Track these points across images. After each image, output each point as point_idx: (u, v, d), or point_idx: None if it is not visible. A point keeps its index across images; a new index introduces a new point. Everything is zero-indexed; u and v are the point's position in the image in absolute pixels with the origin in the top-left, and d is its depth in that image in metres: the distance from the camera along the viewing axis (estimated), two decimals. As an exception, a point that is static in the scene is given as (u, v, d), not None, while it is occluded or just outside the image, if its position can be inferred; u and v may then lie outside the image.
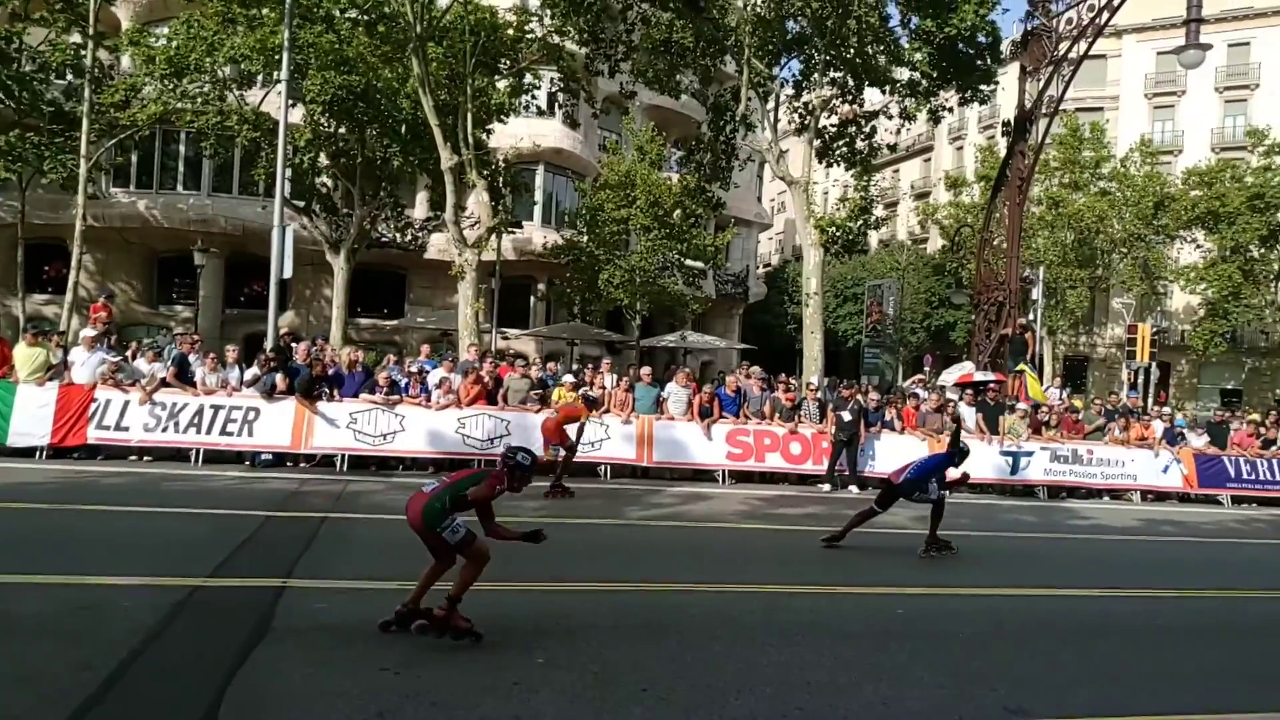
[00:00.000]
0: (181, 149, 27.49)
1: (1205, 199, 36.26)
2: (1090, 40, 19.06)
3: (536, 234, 28.07)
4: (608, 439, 14.04)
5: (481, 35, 18.07)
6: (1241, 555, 11.02)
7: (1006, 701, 5.20)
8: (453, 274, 18.51)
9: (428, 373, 14.37)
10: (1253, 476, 16.63)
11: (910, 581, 8.12)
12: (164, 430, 12.65)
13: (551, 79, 22.06)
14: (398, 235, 25.73)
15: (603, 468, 14.21)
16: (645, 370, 15.75)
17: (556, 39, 19.68)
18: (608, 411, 14.26)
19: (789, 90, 22.37)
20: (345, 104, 20.18)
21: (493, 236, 19.84)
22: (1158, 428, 17.18)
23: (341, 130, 22.09)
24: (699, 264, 26.71)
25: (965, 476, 9.98)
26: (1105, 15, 18.54)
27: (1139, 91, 46.72)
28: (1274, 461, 16.86)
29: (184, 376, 13.11)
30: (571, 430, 12.13)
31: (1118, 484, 16.13)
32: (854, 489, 14.30)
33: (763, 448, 14.77)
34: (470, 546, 5.52)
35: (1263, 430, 17.98)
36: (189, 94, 21.30)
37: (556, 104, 24.31)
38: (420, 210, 28.17)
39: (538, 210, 28.89)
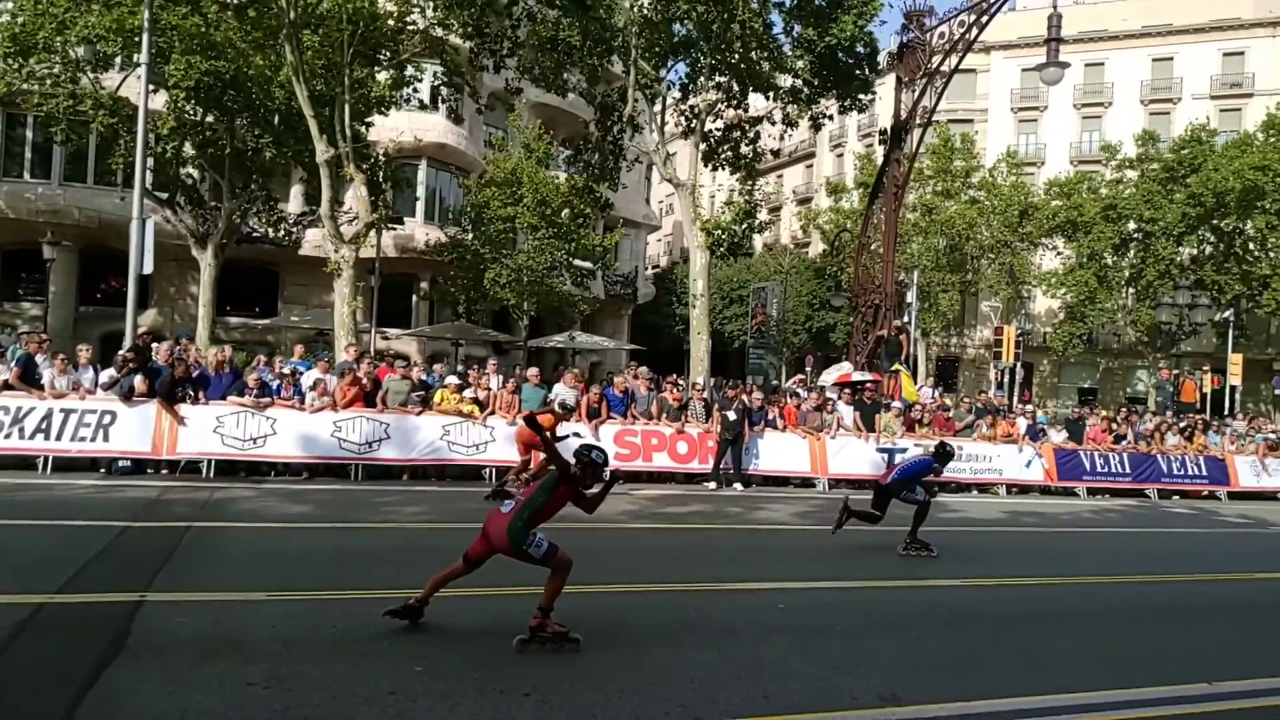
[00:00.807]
0: (29, 134, 25.55)
1: (1064, 209, 38.57)
2: (960, 55, 19.98)
3: (419, 231, 27.40)
4: (492, 441, 13.79)
5: (360, 24, 17.46)
6: (1094, 544, 11.70)
7: (881, 690, 5.32)
8: (329, 271, 17.83)
9: (301, 374, 13.78)
10: (1106, 469, 17.76)
11: (791, 577, 8.25)
12: (6, 436, 11.69)
13: (435, 72, 21.55)
14: (270, 230, 24.62)
15: (487, 470, 13.94)
16: (533, 371, 15.55)
17: (439, 32, 19.21)
18: (572, 417, 13.40)
19: (676, 93, 22.56)
20: (212, 91, 19.15)
21: (372, 233, 19.22)
22: (1021, 425, 18.13)
23: (209, 119, 20.97)
24: (587, 264, 26.62)
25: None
26: (974, 31, 19.47)
27: (1005, 105, 49.36)
28: (1125, 456, 18.04)
29: (29, 378, 12.16)
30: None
31: (985, 478, 16.93)
32: (739, 486, 14.51)
33: (650, 448, 14.81)
34: (554, 558, 5.70)
35: (1115, 426, 19.23)
36: (36, 75, 19.81)
37: (440, 98, 23.74)
38: (295, 204, 27.06)
39: (420, 206, 28.19)
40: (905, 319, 28.43)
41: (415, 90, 20.92)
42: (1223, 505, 17.56)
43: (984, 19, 19.19)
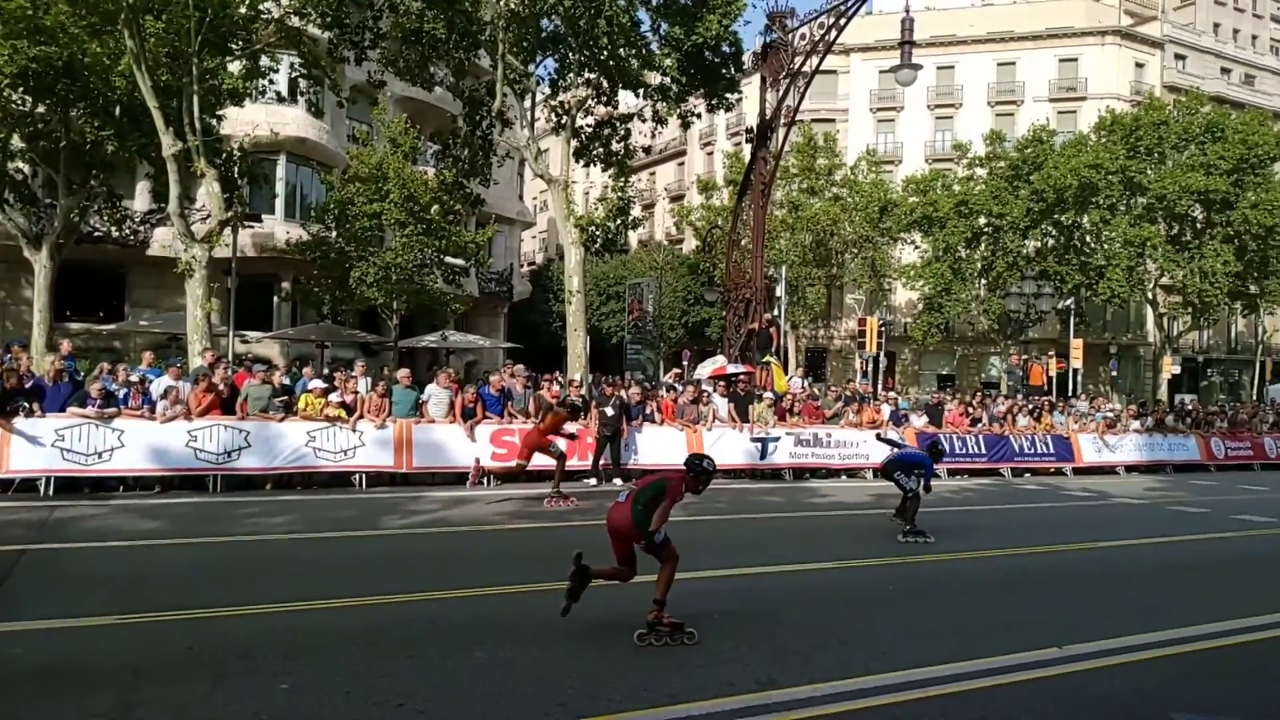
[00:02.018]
0: None
1: (921, 205, 40.50)
2: (821, 56, 20.63)
3: (279, 229, 26.17)
4: (361, 446, 13.33)
5: (208, 11, 16.46)
6: (955, 522, 12.30)
7: (758, 675, 5.41)
8: (180, 272, 16.79)
9: (150, 382, 12.94)
10: (964, 451, 18.74)
11: (670, 568, 8.29)
12: None
13: (292, 64, 20.58)
14: (114, 229, 22.98)
15: (357, 476, 13.47)
16: (403, 372, 15.11)
17: (296, 21, 18.36)
18: (577, 417, 13.68)
19: (546, 88, 22.38)
20: (43, 79, 17.67)
21: (227, 231, 18.19)
22: (885, 411, 18.92)
23: (40, 109, 19.36)
24: (459, 261, 26.06)
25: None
26: (833, 33, 20.14)
27: (865, 106, 51.40)
28: (981, 437, 19.08)
29: None
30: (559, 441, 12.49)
31: (854, 463, 17.56)
32: (619, 481, 14.51)
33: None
34: (668, 549, 6.08)
35: (971, 410, 20.32)
36: None
37: (298, 91, 22.70)
38: (141, 201, 25.36)
39: (280, 203, 26.89)
40: (775, 312, 29.16)
41: (271, 82, 19.89)
42: (1069, 480, 18.82)
43: (842, 21, 19.87)
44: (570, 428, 13.17)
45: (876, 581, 8.34)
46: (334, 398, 13.62)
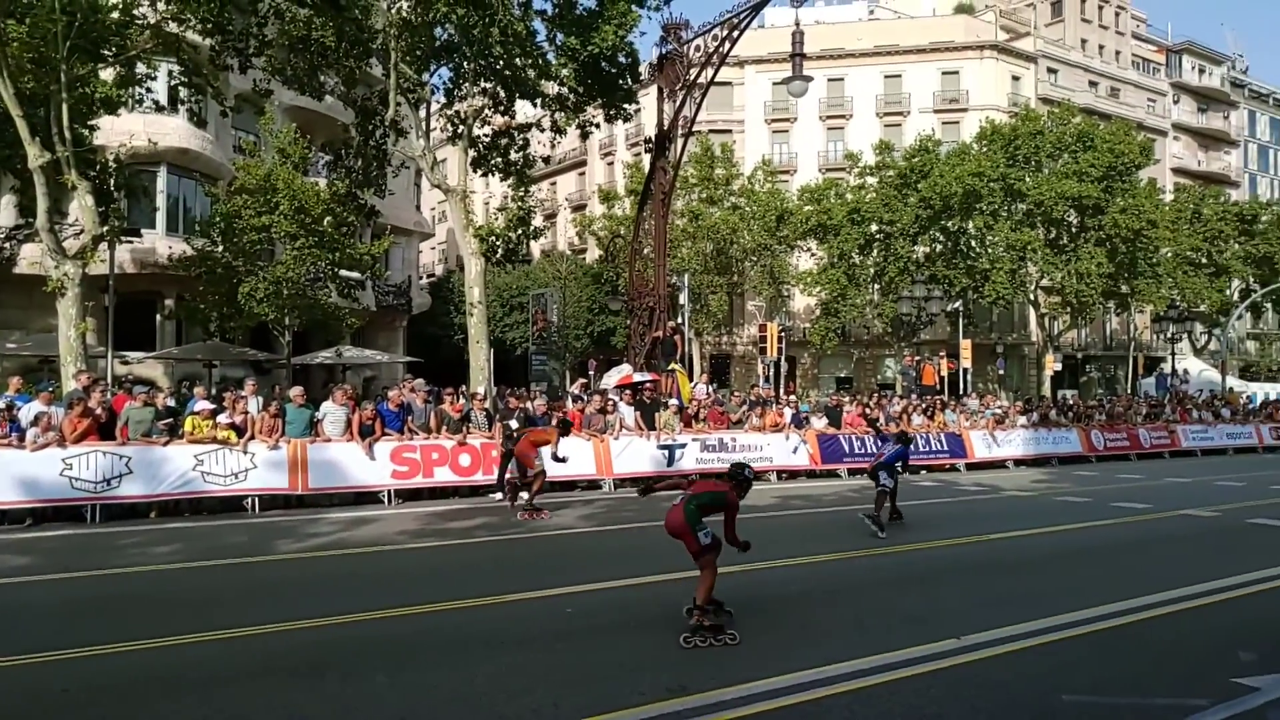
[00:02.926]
0: None
1: (816, 213, 41.52)
2: (716, 67, 20.90)
3: (160, 243, 24.90)
4: (253, 468, 12.77)
5: (77, 16, 15.56)
6: (856, 520, 12.56)
7: (669, 682, 5.39)
8: (50, 290, 15.78)
9: (19, 408, 12.10)
10: (863, 451, 19.19)
11: (580, 580, 8.22)
12: None
13: (171, 71, 19.64)
14: (-25, 246, 21.49)
15: (249, 500, 12.90)
16: (296, 390, 14.55)
17: (174, 27, 17.53)
18: (567, 433, 13.52)
19: (441, 98, 22.01)
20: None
21: (102, 247, 17.20)
22: (788, 414, 19.27)
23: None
24: (355, 274, 25.32)
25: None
26: (727, 45, 20.43)
27: (760, 117, 52.48)
28: (868, 437, 19.59)
29: None
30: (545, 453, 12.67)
31: (758, 466, 17.73)
32: (524, 495, 14.29)
33: (430, 462, 14.32)
34: (708, 556, 6.32)
35: (868, 411, 20.88)
36: None
37: (179, 100, 21.67)
38: (6, 216, 23.80)
39: (161, 217, 25.57)
40: (679, 320, 29.42)
41: (149, 90, 18.91)
42: (962, 475, 19.52)
43: (735, 34, 20.19)
44: (563, 446, 13.20)
45: (782, 582, 8.44)
46: (223, 419, 13.03)
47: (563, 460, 13.23)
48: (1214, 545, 10.72)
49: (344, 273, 24.50)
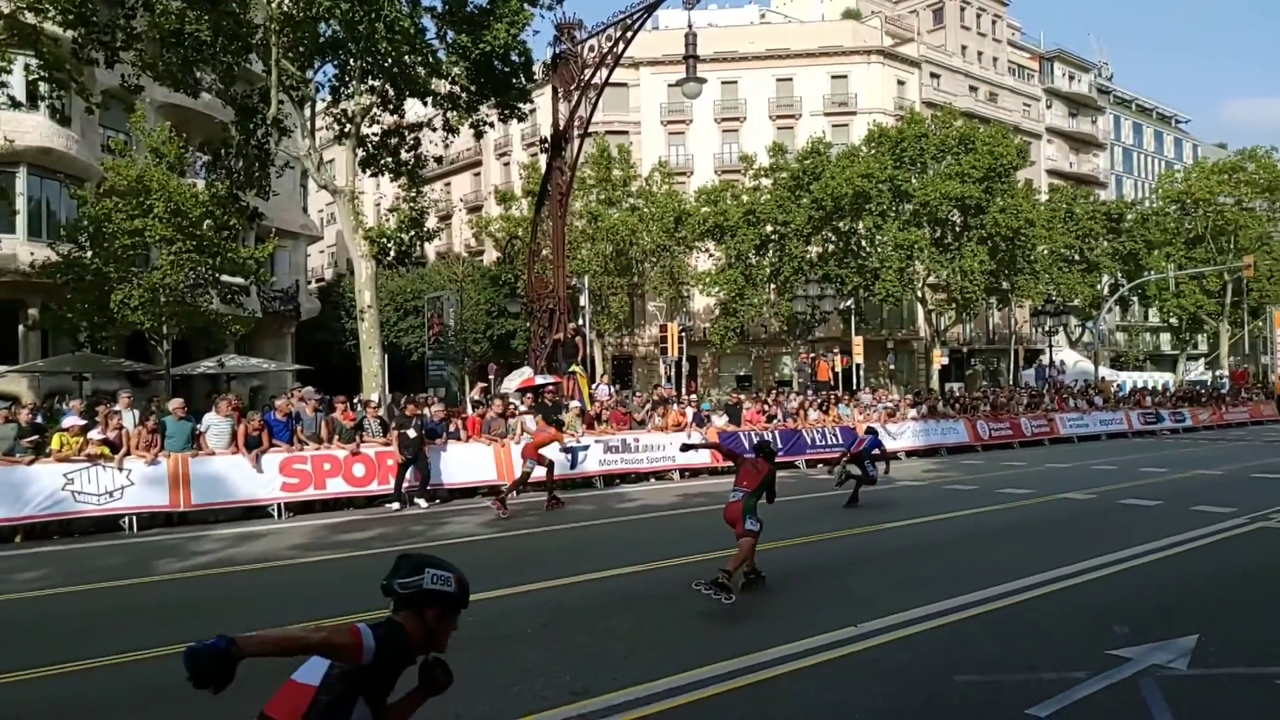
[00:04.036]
0: None
1: (713, 214, 42.04)
2: (610, 68, 20.90)
3: (22, 249, 23.21)
4: (130, 485, 12.06)
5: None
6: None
7: (572, 686, 5.33)
8: (-104, 301, 14.56)
9: None
10: (762, 446, 19.50)
11: (479, 588, 8.01)
12: None
13: (28, 65, 18.34)
14: None
15: (126, 519, 12.16)
16: (176, 402, 13.80)
17: (30, 17, 16.38)
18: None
19: (327, 95, 21.27)
20: None
21: (-44, 253, 15.95)
22: (689, 413, 19.40)
23: None
24: (238, 280, 24.22)
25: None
26: (621, 46, 20.46)
27: (656, 118, 52.82)
28: (776, 433, 19.94)
29: None
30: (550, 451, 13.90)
31: (661, 466, 17.85)
32: (423, 503, 13.97)
33: (322, 474, 13.80)
34: (752, 538, 7.56)
35: (767, 408, 21.25)
36: None
37: (39, 96, 20.26)
38: None
39: (22, 220, 23.81)
40: (580, 321, 29.31)
41: (4, 85, 17.60)
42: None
43: (629, 35, 20.24)
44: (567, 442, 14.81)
45: (684, 580, 8.44)
46: (94, 434, 12.23)
47: (571, 450, 15.01)
48: (1091, 526, 11.29)
49: (226, 278, 23.37)
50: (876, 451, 13.53)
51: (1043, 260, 43.50)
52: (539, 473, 13.60)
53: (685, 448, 9.95)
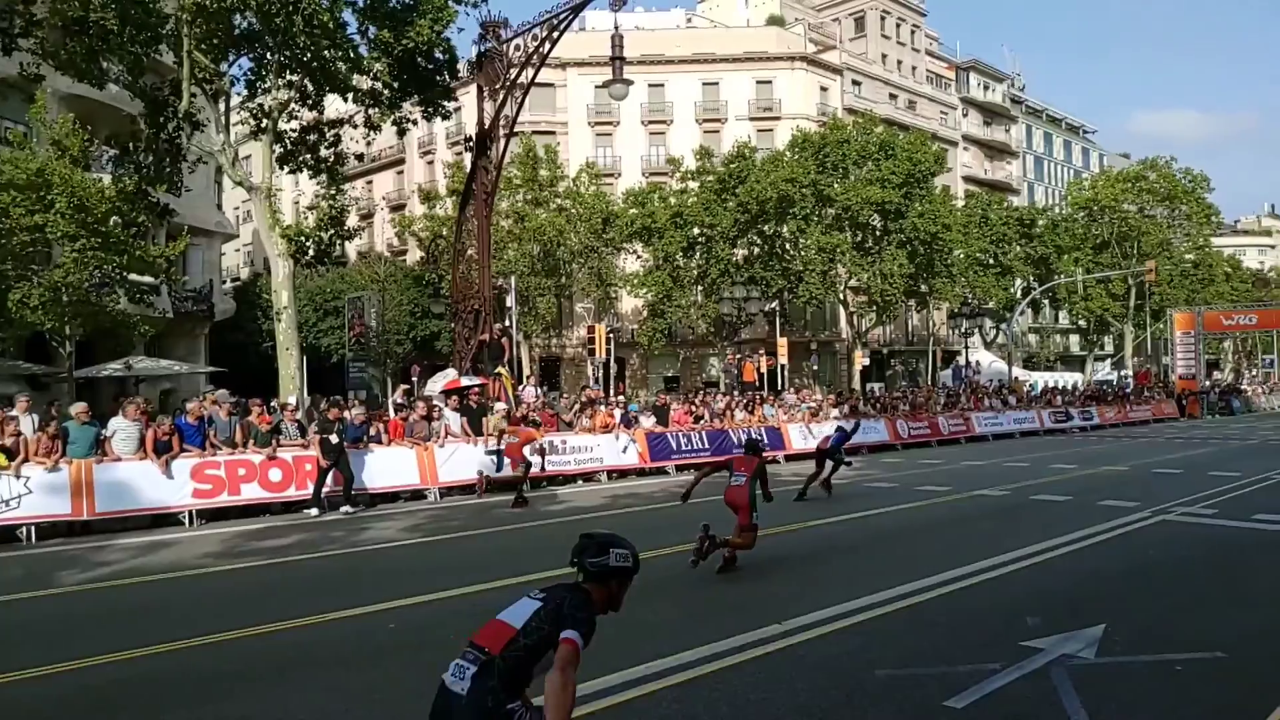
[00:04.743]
0: None
1: (640, 216, 42.16)
2: (537, 68, 20.72)
3: (-91, 247, 21.89)
4: (28, 494, 11.46)
5: None
6: (683, 515, 12.76)
7: (496, 694, 5.21)
8: None
9: None
10: (690, 447, 19.64)
11: (402, 594, 7.86)
12: None
13: (-88, 50, 17.29)
14: None
15: (24, 530, 11.55)
16: (79, 407, 13.13)
17: (-82, 0, 15.48)
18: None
19: (242, 89, 20.59)
20: None
21: None
22: (617, 414, 19.39)
23: None
24: (148, 279, 23.24)
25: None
26: (547, 46, 20.30)
27: (583, 119, 52.69)
28: (704, 433, 20.10)
29: None
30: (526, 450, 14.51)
31: (589, 467, 17.79)
32: (347, 508, 13.62)
33: (237, 479, 13.35)
34: (752, 533, 8.40)
35: (694, 409, 21.37)
36: None
37: (-75, 84, 19.12)
38: None
39: (-93, 216, 22.50)
40: (507, 322, 29.04)
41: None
42: (781, 467, 20.26)
43: (554, 34, 20.10)
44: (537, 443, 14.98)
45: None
46: (-12, 441, 11.59)
47: (543, 453, 15.10)
48: (1005, 521, 11.65)
49: (134, 277, 22.40)
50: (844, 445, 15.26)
51: (959, 264, 44.83)
52: (506, 470, 14.77)
53: (685, 499, 9.14)
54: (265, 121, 19.62)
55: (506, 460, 14.83)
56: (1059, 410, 32.11)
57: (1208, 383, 47.72)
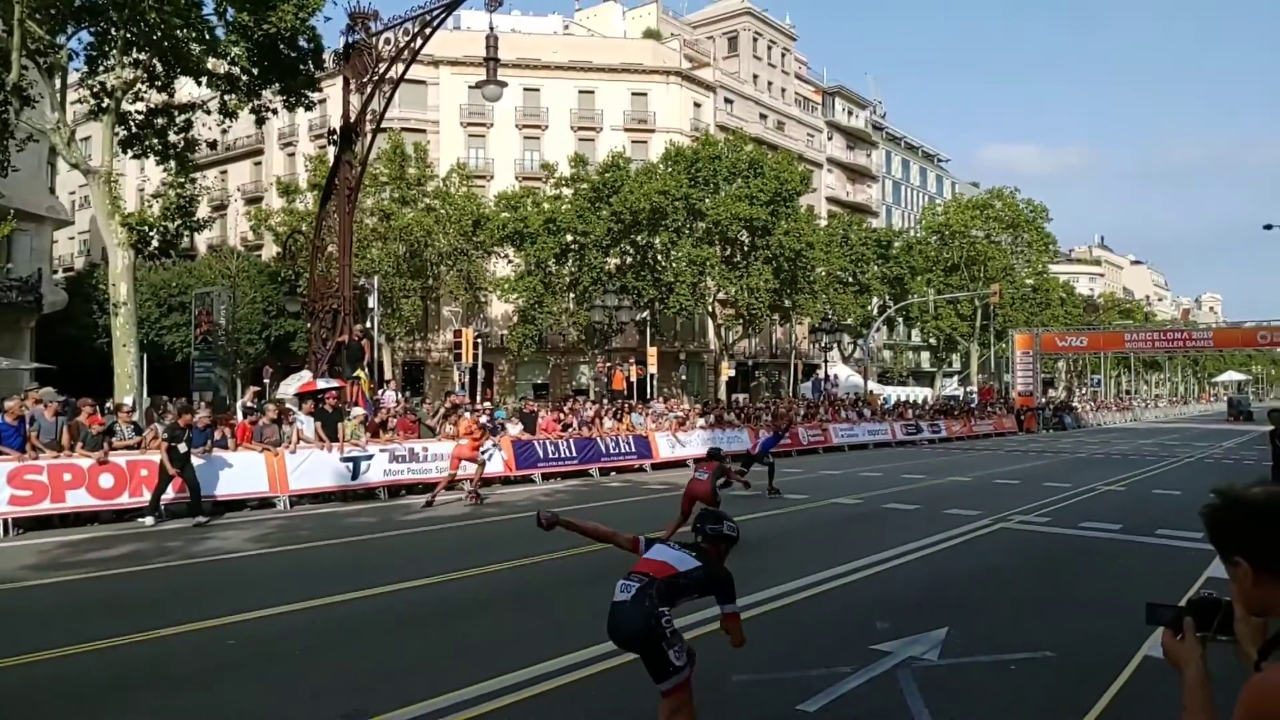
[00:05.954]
0: None
1: (513, 220, 41.68)
2: (407, 64, 20.12)
3: None
4: None
5: None
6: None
7: (343, 708, 5.04)
8: None
9: None
10: (557, 455, 19.47)
11: (242, 608, 7.39)
12: None
13: None
14: None
15: None
16: (-126, 401, 11.82)
17: None
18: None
19: (82, 65, 19.09)
20: None
21: None
22: (483, 421, 18.96)
23: None
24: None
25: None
26: (419, 41, 19.76)
27: (456, 119, 51.69)
28: (571, 441, 19.97)
29: None
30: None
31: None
32: (201, 518, 12.72)
33: (61, 485, 12.27)
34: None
35: (562, 416, 21.22)
36: None
37: None
38: None
39: None
40: (368, 324, 28.07)
41: None
42: (648, 475, 20.43)
43: (427, 30, 19.60)
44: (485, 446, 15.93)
45: (471, 591, 8.21)
46: None
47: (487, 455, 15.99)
48: (859, 529, 12.09)
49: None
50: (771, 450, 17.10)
51: (821, 281, 46.51)
52: (469, 469, 15.41)
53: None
54: (107, 101, 18.26)
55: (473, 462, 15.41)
56: (910, 423, 33.76)
57: (1043, 400, 51.34)
